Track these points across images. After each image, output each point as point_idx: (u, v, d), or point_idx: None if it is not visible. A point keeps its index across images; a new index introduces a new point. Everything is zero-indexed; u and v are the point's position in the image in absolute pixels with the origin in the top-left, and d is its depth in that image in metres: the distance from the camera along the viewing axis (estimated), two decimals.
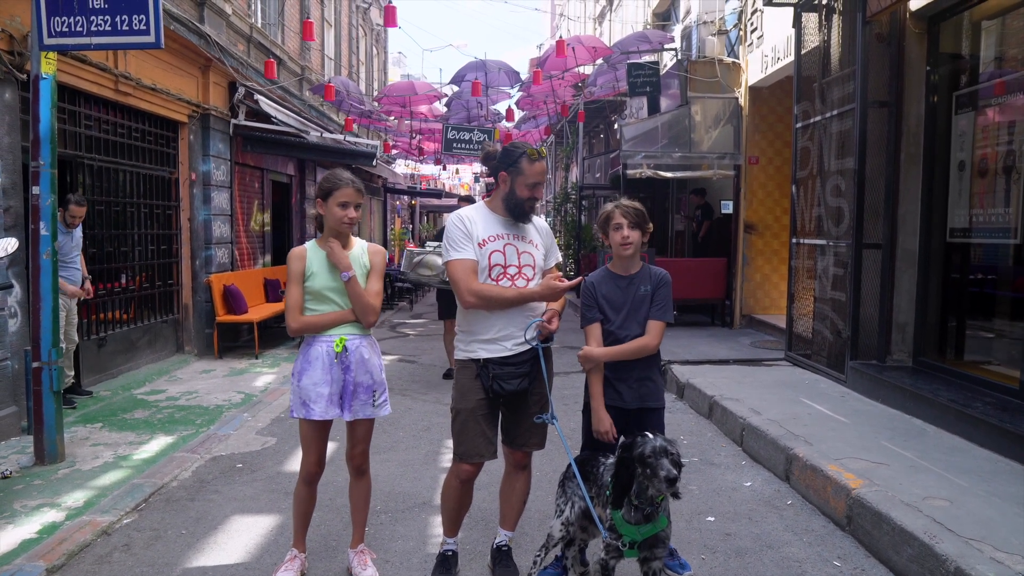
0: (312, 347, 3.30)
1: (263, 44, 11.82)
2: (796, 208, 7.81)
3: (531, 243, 3.33)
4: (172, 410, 6.47)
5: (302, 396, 3.28)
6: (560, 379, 7.94)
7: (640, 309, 3.32)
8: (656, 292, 3.31)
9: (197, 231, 9.38)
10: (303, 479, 3.40)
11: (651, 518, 2.78)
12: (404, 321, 13.60)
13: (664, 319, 3.31)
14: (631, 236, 3.26)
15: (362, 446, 3.41)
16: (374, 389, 3.34)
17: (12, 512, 4.13)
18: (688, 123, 11.06)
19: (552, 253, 3.46)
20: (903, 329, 6.35)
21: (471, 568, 3.52)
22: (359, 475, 3.45)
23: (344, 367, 3.28)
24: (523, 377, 3.25)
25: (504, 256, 3.26)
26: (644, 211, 3.35)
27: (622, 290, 3.34)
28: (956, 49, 6.18)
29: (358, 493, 3.47)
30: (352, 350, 3.29)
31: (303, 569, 3.43)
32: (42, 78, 4.93)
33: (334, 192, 3.25)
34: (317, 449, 3.37)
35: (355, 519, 3.50)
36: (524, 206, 3.28)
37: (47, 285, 4.96)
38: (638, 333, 3.30)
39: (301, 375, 3.29)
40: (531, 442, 3.37)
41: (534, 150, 3.26)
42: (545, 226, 3.49)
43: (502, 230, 3.30)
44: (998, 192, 5.53)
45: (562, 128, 20.66)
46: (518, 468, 3.44)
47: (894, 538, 3.47)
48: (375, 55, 24.13)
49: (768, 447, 5.00)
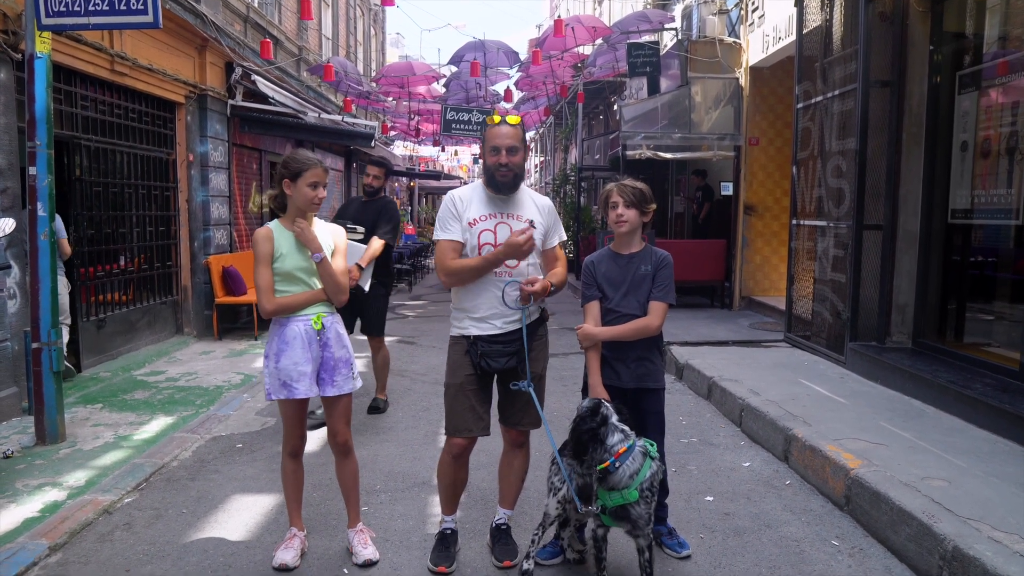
0: (287, 327, 3.30)
1: (260, 24, 11.72)
2: (796, 189, 7.79)
3: (527, 222, 3.28)
4: (172, 391, 6.47)
5: (281, 377, 3.27)
6: (559, 359, 7.98)
7: (640, 288, 3.34)
8: (657, 273, 3.33)
9: (195, 212, 9.34)
10: (289, 453, 3.43)
11: (605, 483, 2.95)
12: (403, 303, 13.60)
13: (666, 300, 3.33)
14: (625, 214, 3.31)
15: (344, 420, 3.43)
16: (351, 362, 3.42)
17: (14, 491, 4.15)
18: (688, 104, 11.00)
19: (554, 232, 3.42)
20: (903, 310, 6.35)
21: (470, 547, 3.54)
22: (345, 454, 3.46)
23: (323, 344, 3.32)
24: (511, 356, 3.26)
25: (495, 235, 3.26)
26: (644, 191, 3.36)
27: (621, 268, 3.37)
28: (960, 28, 6.12)
29: (347, 473, 3.48)
30: (328, 326, 3.35)
31: (303, 547, 3.45)
32: (37, 57, 4.88)
33: (304, 172, 3.27)
34: (299, 424, 3.42)
35: (349, 499, 3.51)
36: (495, 175, 3.25)
37: (45, 266, 4.95)
38: (636, 311, 3.32)
39: (279, 356, 3.28)
40: (525, 420, 3.37)
41: (493, 115, 3.31)
42: (547, 204, 3.44)
43: (495, 209, 3.30)
44: (1000, 173, 5.50)
45: (561, 109, 20.56)
46: (514, 446, 3.45)
47: (892, 517, 3.49)
48: (373, 35, 23.96)
49: (767, 428, 5.02)
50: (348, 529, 3.51)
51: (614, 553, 3.35)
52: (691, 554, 3.45)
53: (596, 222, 18.05)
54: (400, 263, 15.91)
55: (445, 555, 3.35)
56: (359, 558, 3.36)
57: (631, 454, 2.95)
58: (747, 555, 3.47)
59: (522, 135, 3.32)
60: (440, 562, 3.31)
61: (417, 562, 3.39)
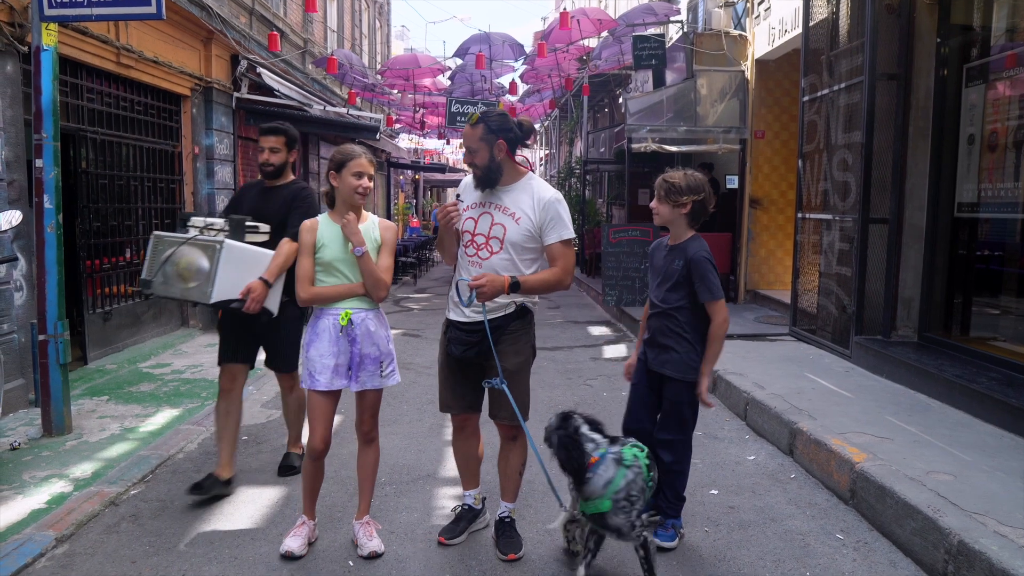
0: (320, 320, 3.40)
1: (265, 16, 11.71)
2: (802, 182, 7.76)
3: (511, 215, 3.26)
4: (177, 383, 6.50)
5: (309, 367, 3.38)
6: (564, 352, 8.00)
7: (670, 280, 3.43)
8: (691, 273, 3.37)
9: (201, 205, 9.36)
10: (309, 455, 3.46)
11: (581, 493, 3.01)
12: (408, 296, 13.62)
13: (709, 298, 3.37)
14: (656, 208, 3.46)
15: (370, 414, 3.49)
16: (381, 360, 3.42)
17: (21, 483, 4.17)
18: (694, 97, 10.95)
19: (552, 229, 3.25)
20: (909, 304, 6.33)
21: (475, 539, 3.55)
22: (368, 443, 3.53)
23: (350, 339, 3.35)
24: (470, 346, 3.30)
25: (475, 224, 3.32)
26: (674, 183, 3.40)
27: (663, 258, 3.52)
28: (967, 21, 6.08)
29: (366, 461, 3.52)
30: (357, 323, 3.36)
31: (312, 536, 3.49)
32: (43, 50, 4.88)
33: (348, 163, 3.36)
34: (324, 422, 3.41)
35: (362, 488, 3.54)
36: (472, 172, 3.34)
37: (52, 258, 4.96)
38: (662, 303, 3.45)
39: (309, 346, 3.40)
40: (500, 414, 3.37)
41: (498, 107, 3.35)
42: (546, 199, 3.27)
43: (484, 198, 3.35)
44: (1007, 167, 5.47)
45: (566, 102, 20.51)
46: (506, 439, 3.47)
47: (897, 512, 3.49)
48: (378, 28, 23.91)
49: (772, 421, 5.02)
50: (355, 520, 3.53)
51: (619, 546, 3.35)
52: (673, 547, 3.43)
53: (601, 215, 18.03)
54: (405, 256, 15.92)
55: (450, 528, 3.52)
56: (364, 550, 3.37)
57: (603, 463, 2.95)
58: (752, 548, 3.47)
59: (482, 132, 3.21)
60: (443, 532, 3.51)
61: (422, 555, 3.40)
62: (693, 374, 3.42)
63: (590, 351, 8.19)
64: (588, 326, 9.94)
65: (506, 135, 3.24)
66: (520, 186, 3.33)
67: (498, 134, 3.22)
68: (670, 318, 3.43)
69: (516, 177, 3.34)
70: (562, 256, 3.28)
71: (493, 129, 3.22)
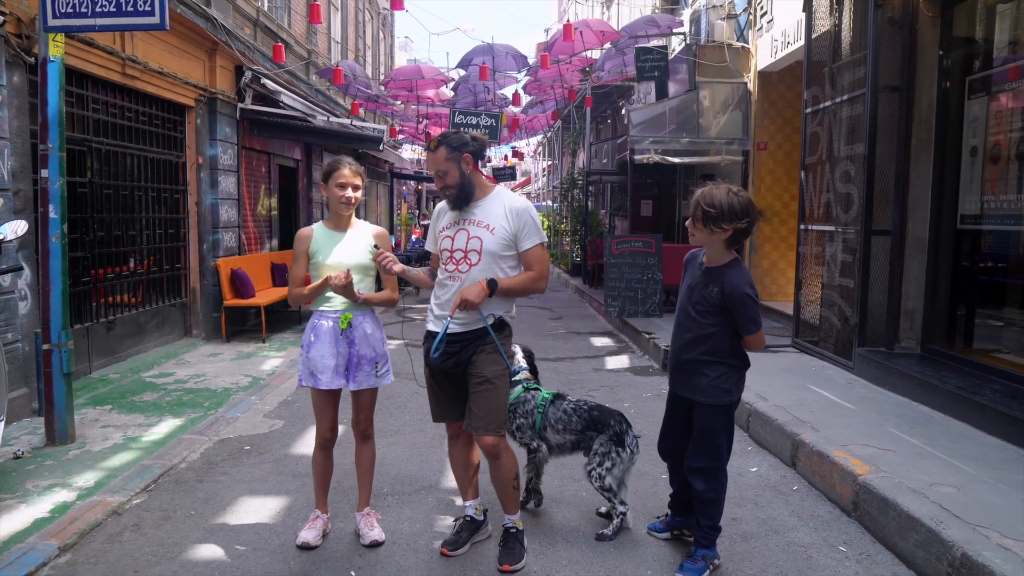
0: (320, 321, 3.57)
1: (270, 27, 11.78)
2: (805, 194, 7.77)
3: (486, 227, 3.36)
4: (180, 393, 6.50)
5: (310, 367, 3.54)
6: (566, 363, 7.99)
7: (703, 304, 3.27)
8: (730, 306, 3.21)
9: (204, 215, 9.39)
10: (318, 445, 3.66)
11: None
12: (411, 306, 13.62)
13: (753, 331, 3.23)
14: (693, 231, 3.28)
15: (366, 412, 3.66)
16: (376, 361, 3.61)
17: (24, 492, 4.17)
18: (696, 108, 11.00)
19: (526, 236, 3.37)
20: (911, 316, 6.33)
21: (479, 550, 3.55)
22: (364, 439, 3.71)
23: (349, 341, 3.54)
24: (448, 356, 3.38)
25: (452, 241, 3.42)
26: (722, 208, 3.14)
27: (698, 277, 3.35)
28: (970, 33, 6.10)
29: (364, 457, 3.72)
30: (356, 326, 3.56)
31: (326, 528, 3.65)
32: (50, 61, 4.92)
33: (333, 174, 3.54)
34: (329, 415, 3.62)
35: (361, 482, 3.72)
36: (446, 195, 3.42)
37: (56, 268, 4.98)
38: (685, 322, 3.35)
39: (310, 347, 3.55)
40: (471, 424, 3.38)
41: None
42: (518, 208, 3.39)
43: (459, 216, 3.44)
44: (1010, 179, 5.48)
45: (569, 113, 20.55)
46: (487, 455, 3.41)
47: (900, 524, 3.48)
48: (382, 39, 24.04)
49: (774, 433, 5.01)
50: (356, 512, 3.70)
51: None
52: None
53: (603, 226, 18.04)
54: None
55: (453, 540, 3.55)
56: (366, 539, 3.55)
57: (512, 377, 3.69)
58: (754, 561, 3.46)
59: (445, 153, 3.33)
60: (446, 544, 3.53)
61: (424, 565, 3.40)
62: (728, 396, 3.28)
63: (592, 362, 8.19)
64: (590, 337, 9.94)
65: (467, 148, 3.37)
66: (490, 199, 3.44)
67: (460, 149, 3.36)
68: (701, 341, 3.28)
69: (486, 192, 3.46)
70: (538, 261, 3.42)
71: (455, 147, 3.35)
